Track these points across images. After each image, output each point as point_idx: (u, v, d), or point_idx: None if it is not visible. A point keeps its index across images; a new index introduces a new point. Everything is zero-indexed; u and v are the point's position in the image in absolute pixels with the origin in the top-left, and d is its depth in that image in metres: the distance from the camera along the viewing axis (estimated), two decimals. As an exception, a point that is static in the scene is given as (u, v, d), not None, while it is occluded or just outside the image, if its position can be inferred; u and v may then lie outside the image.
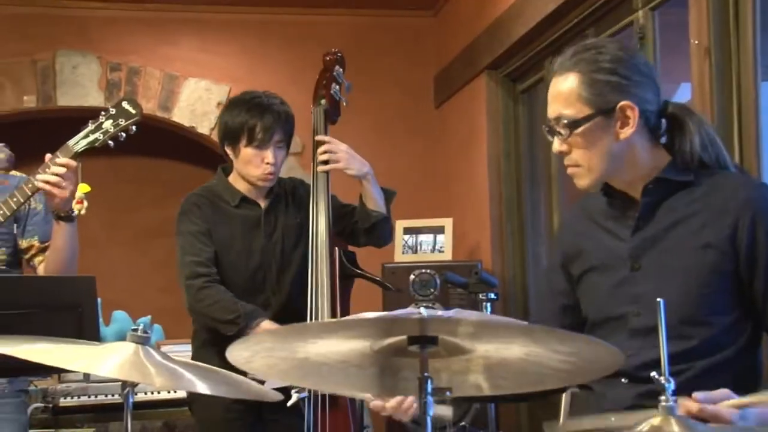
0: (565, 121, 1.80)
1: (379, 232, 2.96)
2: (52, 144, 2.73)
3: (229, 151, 2.90)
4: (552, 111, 1.83)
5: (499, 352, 1.41)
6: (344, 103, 3.05)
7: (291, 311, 2.81)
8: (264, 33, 5.12)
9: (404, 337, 1.38)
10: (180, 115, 4.99)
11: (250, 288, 2.85)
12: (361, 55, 3.12)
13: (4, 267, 2.64)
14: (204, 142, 5.07)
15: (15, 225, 2.65)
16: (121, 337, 1.80)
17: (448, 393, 1.44)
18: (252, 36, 5.11)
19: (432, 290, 4.02)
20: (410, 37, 5.24)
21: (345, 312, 2.84)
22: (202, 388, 1.76)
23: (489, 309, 3.43)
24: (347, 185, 3.02)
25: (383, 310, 3.29)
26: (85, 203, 2.49)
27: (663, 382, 1.32)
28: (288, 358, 1.46)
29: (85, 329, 2.13)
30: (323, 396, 2.71)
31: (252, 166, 2.84)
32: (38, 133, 4.47)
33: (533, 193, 4.38)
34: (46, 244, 2.64)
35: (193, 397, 2.91)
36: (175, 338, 4.63)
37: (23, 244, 2.67)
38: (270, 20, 5.11)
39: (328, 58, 3.07)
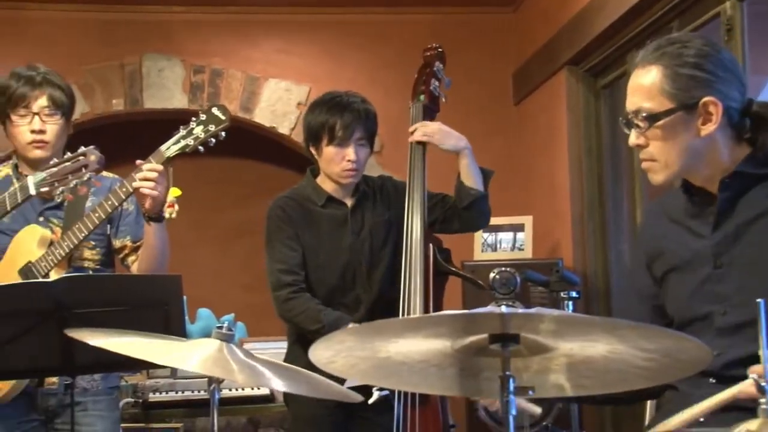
0: (645, 114, 1.76)
1: (476, 211, 2.91)
2: (139, 146, 2.81)
3: (313, 151, 2.93)
4: (631, 103, 1.80)
5: (583, 350, 1.39)
6: (443, 100, 3.05)
7: (383, 309, 2.82)
8: (344, 33, 5.16)
9: (485, 335, 1.38)
10: (261, 116, 5.07)
11: (340, 286, 2.87)
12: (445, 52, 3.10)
13: (98, 266, 2.72)
14: (284, 142, 5.14)
15: (108, 225, 2.72)
16: (206, 335, 1.84)
17: (530, 392, 1.43)
18: (332, 36, 5.15)
19: (512, 288, 3.99)
20: (489, 33, 5.20)
21: (438, 309, 2.82)
22: (282, 386, 1.79)
23: (571, 307, 3.39)
24: (441, 180, 3.00)
25: (464, 309, 3.28)
26: (176, 207, 2.55)
27: (763, 384, 1.28)
28: (369, 357, 1.47)
29: (172, 326, 2.18)
30: (413, 393, 2.69)
31: (334, 164, 2.87)
32: (126, 135, 4.61)
33: (615, 189, 4.31)
34: (138, 243, 2.71)
35: (288, 393, 2.95)
36: (257, 336, 4.71)
37: (116, 244, 2.75)
38: (350, 20, 5.14)
39: (428, 54, 3.07)
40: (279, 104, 5.06)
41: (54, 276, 2.41)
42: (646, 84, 1.77)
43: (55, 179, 2.37)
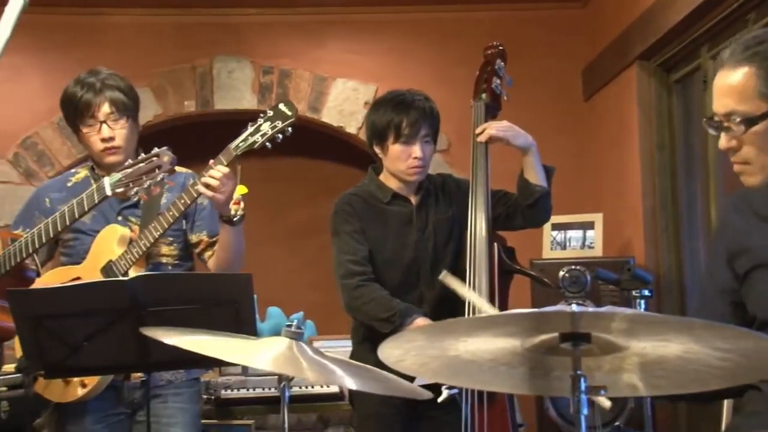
0: (739, 118, 1.71)
1: (541, 208, 2.89)
2: (210, 146, 2.85)
3: (377, 150, 2.94)
4: (722, 105, 1.74)
5: (656, 349, 1.36)
6: (505, 98, 3.03)
7: (446, 307, 2.81)
8: (411, 31, 5.16)
9: (555, 334, 1.37)
10: (329, 116, 5.11)
11: (404, 284, 2.88)
12: (508, 50, 3.08)
13: (176, 262, 2.78)
14: (352, 142, 5.17)
15: (184, 221, 2.78)
16: (276, 333, 1.86)
17: (602, 392, 1.41)
18: (399, 35, 5.16)
19: (582, 287, 3.93)
20: (558, 30, 5.14)
21: (503, 308, 2.80)
22: (352, 384, 1.79)
23: (643, 306, 3.32)
24: (504, 175, 2.98)
25: (532, 308, 3.25)
26: (242, 204, 2.59)
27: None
28: (439, 356, 1.46)
29: (243, 324, 2.20)
30: (480, 392, 2.69)
31: (400, 162, 2.88)
32: (197, 136, 4.69)
33: (689, 185, 4.22)
34: (215, 239, 2.76)
35: (354, 391, 2.97)
36: (326, 334, 4.74)
37: (193, 239, 2.81)
38: (417, 18, 5.14)
39: (489, 52, 3.05)
40: (346, 104, 5.09)
41: (133, 274, 2.48)
42: (737, 85, 1.71)
43: (129, 180, 2.43)
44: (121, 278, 2.24)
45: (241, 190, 2.58)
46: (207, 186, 2.53)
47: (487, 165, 2.90)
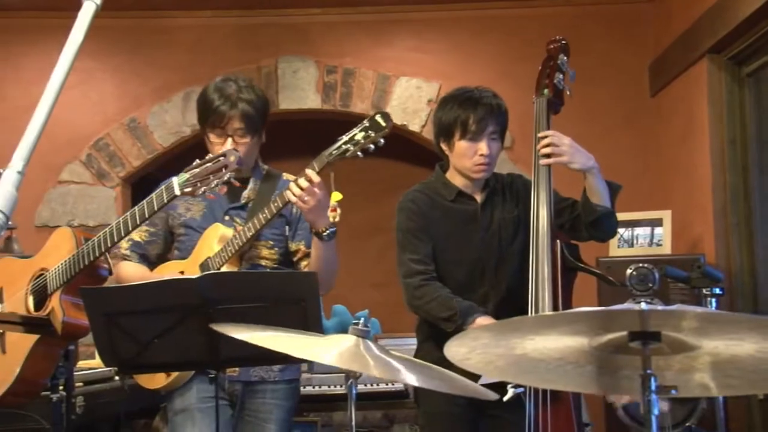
0: None
1: (604, 227, 2.85)
2: (273, 145, 2.89)
3: (444, 147, 2.94)
4: None
5: (729, 349, 1.33)
6: (568, 93, 2.99)
7: (511, 306, 2.79)
8: (474, 28, 5.13)
9: (624, 333, 1.35)
10: (392, 114, 5.09)
11: (468, 282, 2.86)
12: (574, 45, 3.05)
13: (275, 266, 2.81)
14: (415, 140, 5.17)
15: (287, 227, 2.83)
16: (341, 330, 1.88)
17: (673, 392, 1.39)
18: (463, 32, 5.14)
19: (651, 285, 3.86)
20: (624, 24, 5.07)
21: (567, 307, 2.77)
22: (417, 381, 1.80)
23: (714, 305, 3.26)
24: (568, 179, 2.95)
25: (599, 306, 3.20)
26: (338, 211, 2.61)
27: None
28: (505, 354, 1.46)
29: (310, 322, 2.22)
30: (544, 391, 2.66)
31: (466, 159, 2.86)
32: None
33: (762, 181, 4.11)
34: (311, 250, 2.79)
35: (418, 389, 2.97)
36: (390, 332, 4.76)
37: (292, 246, 2.85)
38: (480, 15, 5.12)
39: (551, 47, 3.02)
40: (410, 102, 5.09)
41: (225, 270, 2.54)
42: None
43: (197, 180, 2.47)
44: (190, 276, 2.27)
45: (335, 196, 2.59)
46: (292, 193, 2.56)
47: (550, 164, 2.87)
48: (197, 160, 2.55)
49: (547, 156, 2.81)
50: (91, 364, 3.99)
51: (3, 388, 2.57)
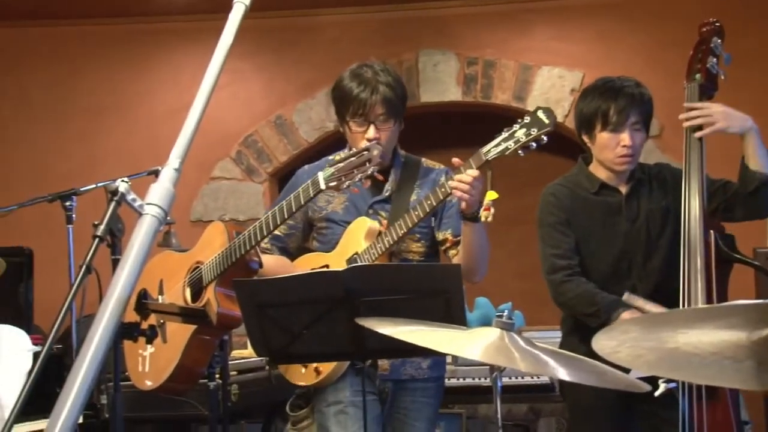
0: None
1: (763, 197, 2.70)
2: (415, 139, 2.90)
3: (586, 139, 2.87)
4: None
5: None
6: (722, 77, 2.86)
7: (660, 299, 2.71)
8: (619, 15, 4.99)
9: (787, 327, 1.28)
10: (534, 104, 5.00)
11: (614, 275, 2.80)
12: (729, 28, 2.91)
13: (422, 258, 2.80)
14: (558, 130, 5.06)
15: (433, 218, 2.80)
16: (484, 323, 1.87)
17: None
18: (606, 19, 5.01)
19: (814, 277, 3.65)
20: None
21: (722, 300, 2.65)
22: (565, 375, 1.77)
23: None
24: (719, 166, 2.83)
25: (757, 299, 3.05)
26: (492, 210, 2.55)
27: None
28: (656, 348, 1.42)
29: (453, 314, 2.22)
30: (699, 386, 2.57)
31: (608, 151, 2.79)
32: (404, 129, 4.78)
33: None
34: (459, 237, 2.75)
35: (565, 382, 2.93)
36: (534, 325, 4.70)
37: (439, 236, 2.82)
38: (625, 1, 4.97)
39: (704, 30, 2.90)
40: (552, 92, 5.01)
41: None
42: None
43: (341, 174, 2.50)
44: (336, 269, 2.32)
45: (490, 195, 2.52)
46: (456, 189, 2.51)
47: (701, 149, 2.75)
48: (341, 154, 2.59)
49: (699, 129, 2.70)
50: (243, 353, 4.14)
51: (164, 376, 2.70)
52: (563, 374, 1.76)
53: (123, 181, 1.59)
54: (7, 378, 2.31)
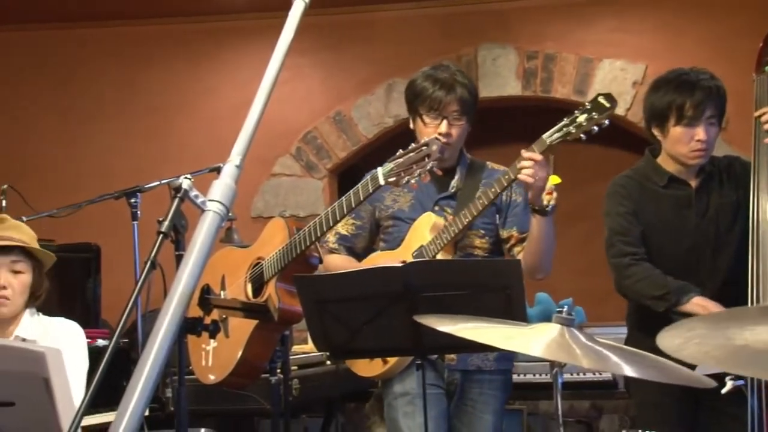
0: None
1: None
2: (475, 133, 2.88)
3: (656, 132, 2.83)
4: None
5: None
6: None
7: (728, 295, 2.65)
8: (683, 5, 4.90)
9: None
10: (596, 98, 4.97)
11: (681, 270, 2.76)
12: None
13: (486, 255, 2.80)
14: (620, 124, 5.00)
15: (497, 215, 2.82)
16: (544, 319, 1.85)
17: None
18: (670, 9, 4.92)
19: None
20: None
21: (794, 298, 2.60)
22: (629, 371, 1.74)
23: None
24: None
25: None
26: (555, 194, 2.56)
27: None
28: (723, 345, 1.38)
29: (514, 310, 2.21)
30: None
31: (682, 145, 2.75)
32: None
33: None
34: (524, 235, 2.75)
35: (630, 379, 2.89)
36: (597, 321, 4.64)
37: (503, 234, 2.82)
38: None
39: None
40: (613, 85, 4.93)
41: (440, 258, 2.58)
42: None
43: (401, 169, 2.50)
44: (395, 264, 2.32)
45: (553, 180, 2.54)
46: (521, 168, 2.51)
47: None
48: (400, 150, 2.59)
49: None
50: (304, 348, 4.18)
51: (227, 370, 2.74)
52: (626, 370, 1.74)
53: (186, 178, 1.61)
54: (71, 369, 2.37)
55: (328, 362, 3.90)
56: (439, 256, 2.65)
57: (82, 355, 2.79)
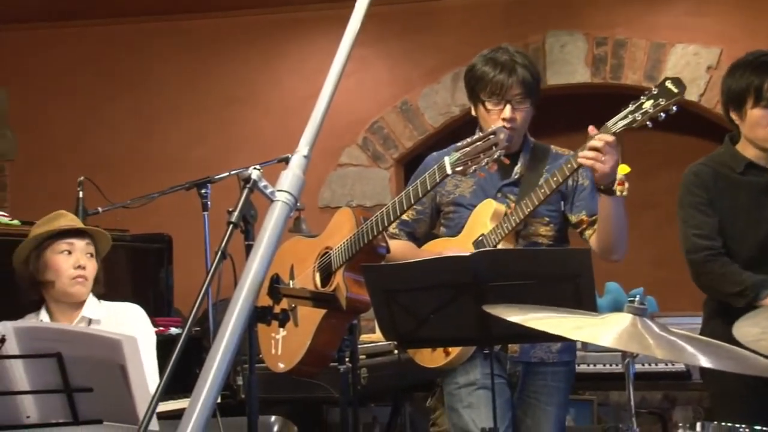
0: None
1: None
2: (540, 123, 2.84)
3: (734, 116, 2.76)
4: None
5: None
6: None
7: None
8: (760, -15, 4.76)
9: None
10: (668, 84, 4.87)
11: (757, 260, 2.70)
12: None
13: (551, 242, 2.76)
14: (693, 110, 4.88)
15: (562, 202, 2.77)
16: (615, 309, 1.82)
17: None
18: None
19: None
20: None
21: None
22: (705, 362, 1.70)
23: None
24: None
25: None
26: (626, 184, 2.49)
27: None
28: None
29: (583, 300, 2.18)
30: None
31: (760, 128, 2.68)
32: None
33: None
34: (594, 217, 2.70)
35: (706, 369, 2.82)
36: (669, 311, 4.56)
37: (572, 219, 2.76)
38: (765, -29, 4.74)
39: None
40: (686, 70, 4.82)
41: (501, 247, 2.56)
42: None
43: (468, 158, 2.49)
44: (463, 254, 2.31)
45: (623, 169, 2.48)
46: (585, 158, 2.45)
47: None
48: (467, 139, 2.57)
49: None
50: (372, 337, 4.20)
51: (297, 359, 2.77)
52: (702, 361, 1.70)
53: (255, 168, 1.63)
54: (144, 352, 2.43)
55: (396, 351, 3.91)
56: (500, 246, 2.61)
57: (149, 332, 2.87)
